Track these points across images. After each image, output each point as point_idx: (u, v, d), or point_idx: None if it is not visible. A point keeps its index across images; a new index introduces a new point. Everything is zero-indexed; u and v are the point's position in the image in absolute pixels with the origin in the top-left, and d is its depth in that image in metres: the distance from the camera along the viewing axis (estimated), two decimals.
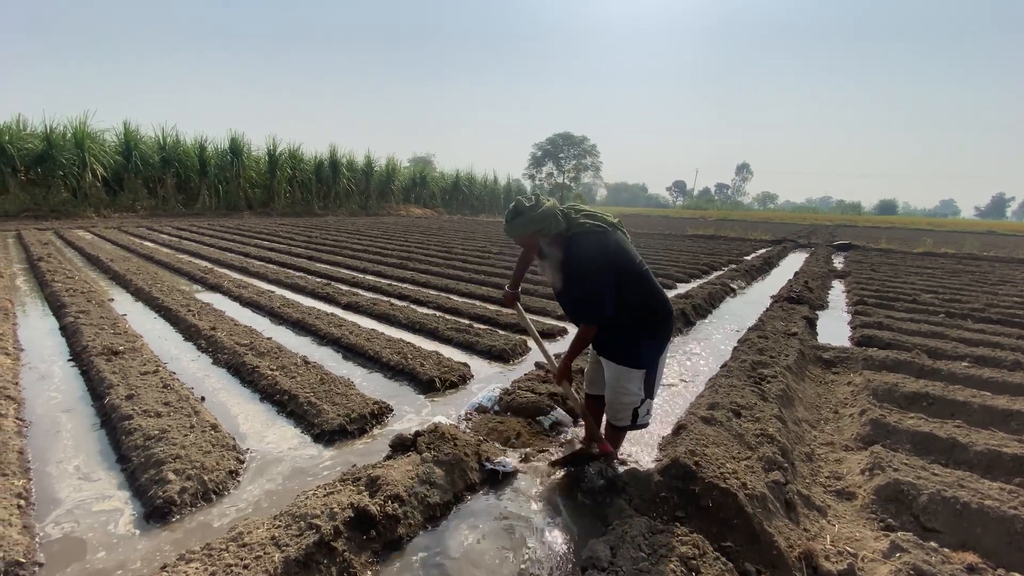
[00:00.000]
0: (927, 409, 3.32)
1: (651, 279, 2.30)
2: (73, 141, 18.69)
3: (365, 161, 30.76)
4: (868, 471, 2.50)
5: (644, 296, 2.26)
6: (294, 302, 5.75)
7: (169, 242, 11.63)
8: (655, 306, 2.29)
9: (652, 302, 2.28)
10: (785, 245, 16.92)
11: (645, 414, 2.39)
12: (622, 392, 2.34)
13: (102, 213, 18.37)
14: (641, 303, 2.26)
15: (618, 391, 2.35)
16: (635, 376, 2.31)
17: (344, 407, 3.02)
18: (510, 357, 4.30)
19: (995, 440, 2.77)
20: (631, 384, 2.32)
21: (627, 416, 2.37)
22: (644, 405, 2.36)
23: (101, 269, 7.94)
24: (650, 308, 2.28)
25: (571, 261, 2.21)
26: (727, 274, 9.41)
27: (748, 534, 2.02)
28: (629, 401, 2.34)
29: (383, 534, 1.98)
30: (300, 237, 13.65)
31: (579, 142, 62.52)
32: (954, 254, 15.25)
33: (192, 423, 2.74)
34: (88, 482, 2.36)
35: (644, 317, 2.27)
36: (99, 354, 3.69)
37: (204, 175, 22.69)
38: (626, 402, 2.35)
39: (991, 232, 32.76)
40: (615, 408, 2.40)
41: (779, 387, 3.37)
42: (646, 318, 2.27)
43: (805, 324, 5.38)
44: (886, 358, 4.26)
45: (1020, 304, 7.21)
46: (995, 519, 2.07)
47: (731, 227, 26.65)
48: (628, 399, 2.34)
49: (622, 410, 2.37)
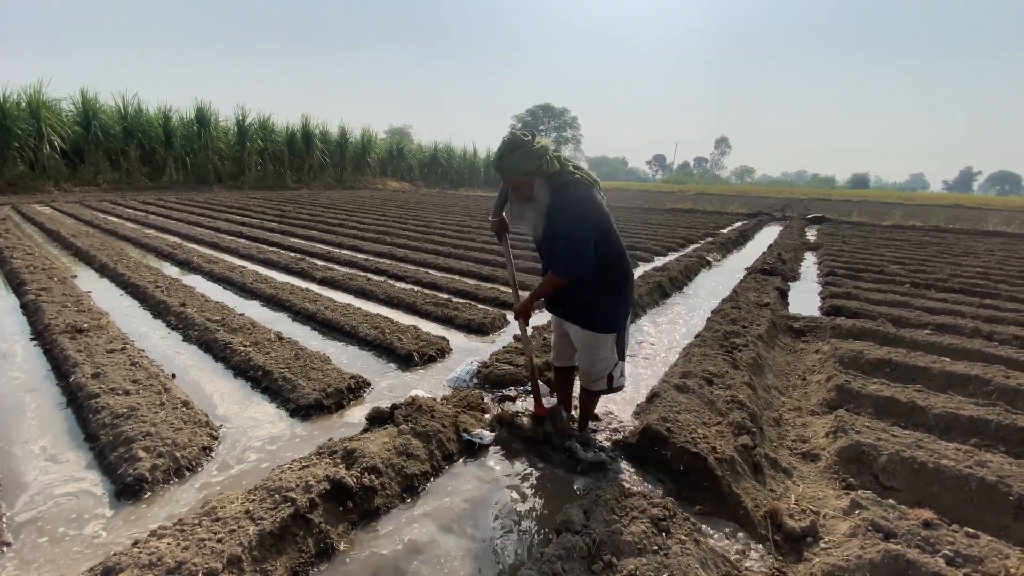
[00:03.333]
0: (890, 375, 3.44)
1: (621, 243, 2.30)
2: (28, 111, 17.65)
3: (340, 132, 29.82)
4: (832, 434, 2.59)
5: (615, 256, 2.26)
6: (267, 277, 5.63)
7: (135, 217, 11.20)
8: (624, 269, 2.31)
9: (622, 264, 2.30)
10: (761, 218, 17.16)
11: (620, 375, 2.41)
12: (596, 359, 2.36)
13: (62, 187, 17.51)
14: (612, 262, 2.25)
15: (593, 358, 2.37)
16: (606, 341, 2.32)
17: (320, 382, 2.99)
18: (489, 330, 4.30)
19: (953, 403, 2.90)
20: (603, 349, 2.33)
21: (603, 380, 2.39)
22: (617, 367, 2.38)
23: (63, 245, 7.63)
24: (620, 270, 2.29)
25: (560, 207, 2.13)
26: (704, 247, 9.53)
27: (717, 495, 2.09)
28: (604, 366, 2.36)
29: (360, 505, 1.99)
30: (273, 211, 13.28)
31: (560, 114, 61.72)
32: (921, 226, 15.69)
33: (163, 400, 2.68)
34: (55, 462, 2.30)
35: (612, 278, 2.27)
36: (62, 332, 3.56)
37: (170, 147, 21.73)
38: (601, 368, 2.37)
39: (957, 205, 33.70)
40: (591, 375, 2.42)
41: (750, 356, 3.46)
42: (614, 279, 2.28)
43: (777, 295, 5.50)
44: (853, 327, 4.39)
45: (981, 275, 7.48)
46: (950, 477, 2.18)
47: (709, 201, 26.88)
48: (602, 364, 2.36)
49: (598, 375, 2.39)
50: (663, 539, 1.68)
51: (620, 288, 2.31)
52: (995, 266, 8.38)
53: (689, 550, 1.65)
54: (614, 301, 2.30)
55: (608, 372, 2.38)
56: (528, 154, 2.08)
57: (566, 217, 2.12)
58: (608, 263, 2.23)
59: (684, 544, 1.67)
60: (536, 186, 2.16)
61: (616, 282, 2.29)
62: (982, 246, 11.38)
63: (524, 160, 2.09)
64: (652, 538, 1.67)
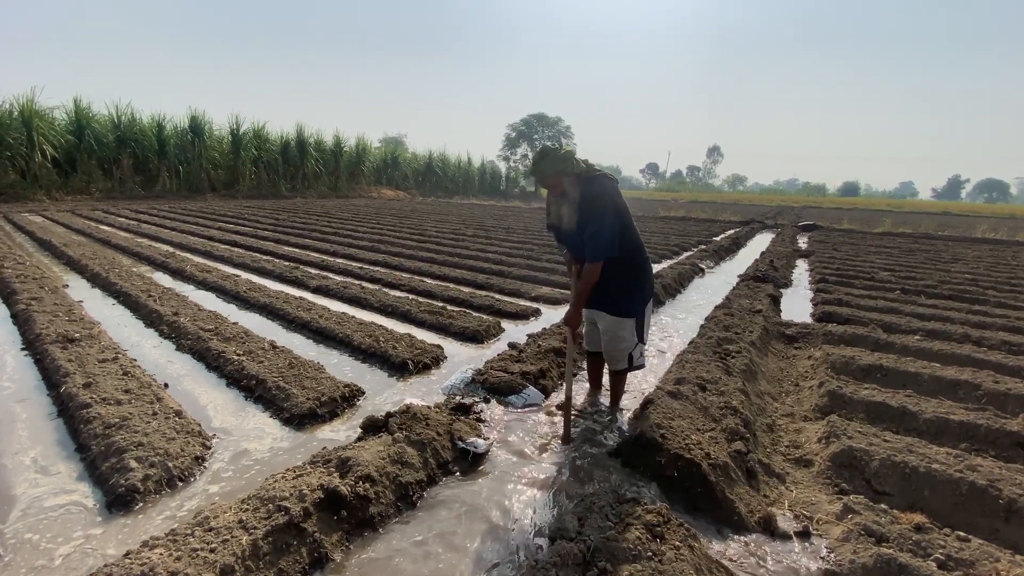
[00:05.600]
0: (881, 380, 3.48)
1: (639, 236, 2.69)
2: (20, 120, 17.57)
3: (334, 141, 29.82)
4: (824, 439, 2.61)
5: (634, 248, 2.65)
6: (261, 286, 5.61)
7: (127, 226, 11.14)
8: (642, 260, 2.70)
9: (640, 255, 2.69)
10: (753, 226, 17.29)
11: (639, 356, 2.83)
12: (618, 340, 2.78)
13: (54, 196, 17.39)
14: (631, 253, 2.63)
15: (614, 340, 2.79)
16: (627, 324, 2.74)
17: (314, 391, 2.98)
18: (483, 338, 4.31)
19: (943, 408, 2.93)
20: (624, 332, 2.75)
21: (623, 360, 2.81)
22: (637, 348, 2.80)
23: (54, 254, 7.57)
24: (638, 261, 2.68)
25: (588, 197, 2.51)
26: (697, 254, 9.58)
27: (711, 501, 2.10)
28: (624, 347, 2.78)
29: (354, 514, 1.98)
30: (267, 220, 13.25)
31: (553, 123, 62.02)
32: (911, 234, 15.89)
33: (155, 410, 2.66)
34: (46, 473, 2.28)
35: (631, 268, 2.62)
36: (54, 342, 3.54)
37: (163, 155, 21.66)
38: (622, 348, 2.78)
39: (946, 213, 34.18)
40: (612, 355, 2.85)
41: (743, 362, 3.48)
42: (633, 269, 2.63)
43: (770, 302, 5.54)
44: (844, 333, 4.43)
45: (970, 281, 7.58)
46: (942, 481, 2.20)
47: (702, 208, 27.08)
48: (623, 345, 2.77)
49: (619, 355, 2.82)
50: (658, 545, 1.68)
51: (639, 277, 2.69)
52: (983, 272, 8.49)
53: (684, 556, 1.65)
54: (633, 288, 2.69)
55: (628, 352, 2.79)
56: (555, 158, 2.52)
57: (593, 206, 2.50)
58: (628, 253, 2.60)
59: (679, 550, 1.67)
60: (566, 184, 2.56)
61: (634, 272, 2.67)
62: (971, 253, 11.53)
63: (552, 163, 2.53)
64: (647, 544, 1.68)
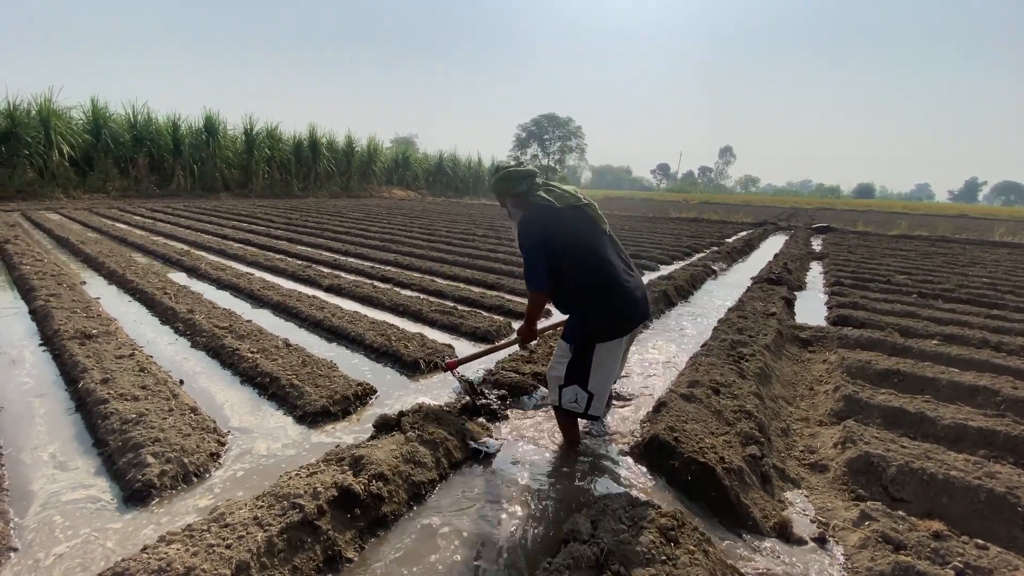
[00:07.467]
0: (898, 385, 3.42)
1: (602, 267, 2.31)
2: (38, 119, 17.90)
3: (346, 141, 30.07)
4: (840, 444, 2.58)
5: (582, 283, 2.31)
6: (274, 284, 5.66)
7: (143, 224, 11.30)
8: (594, 294, 2.30)
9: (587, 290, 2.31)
10: (766, 228, 17.12)
11: (573, 402, 2.37)
12: (552, 365, 2.48)
13: (71, 194, 17.70)
14: (579, 286, 2.32)
15: (551, 361, 2.50)
16: (562, 347, 2.40)
17: (327, 389, 3.00)
18: (494, 338, 4.30)
19: (961, 414, 2.88)
20: (558, 354, 2.43)
21: (554, 393, 2.45)
22: (570, 390, 2.36)
23: (71, 251, 7.70)
24: (587, 294, 2.31)
25: (520, 227, 2.41)
26: (709, 256, 9.51)
27: (726, 505, 2.08)
28: (554, 375, 2.44)
29: (368, 512, 1.99)
30: (280, 219, 13.38)
31: (564, 123, 61.94)
32: (927, 236, 15.64)
33: (171, 406, 2.70)
34: (64, 468, 2.31)
35: (581, 300, 2.34)
36: (71, 338, 3.59)
37: (178, 155, 21.98)
38: (552, 375, 2.46)
39: (963, 215, 33.60)
40: (548, 381, 2.51)
41: (757, 365, 3.44)
42: (582, 301, 2.34)
43: (783, 304, 5.49)
44: (860, 337, 4.37)
45: (989, 285, 7.44)
46: (960, 489, 2.16)
47: (713, 210, 26.87)
48: (553, 372, 2.45)
49: (550, 382, 2.48)
50: (671, 549, 1.67)
51: (583, 311, 2.35)
52: (1002, 276, 8.33)
53: (698, 560, 1.64)
54: (578, 319, 2.37)
55: (557, 385, 2.42)
56: (501, 176, 2.47)
57: (521, 238, 2.37)
58: (576, 285, 2.32)
59: (693, 554, 1.66)
60: (508, 204, 2.54)
61: (581, 310, 2.35)
62: (989, 256, 11.32)
63: (498, 183, 2.49)
64: (660, 548, 1.66)
